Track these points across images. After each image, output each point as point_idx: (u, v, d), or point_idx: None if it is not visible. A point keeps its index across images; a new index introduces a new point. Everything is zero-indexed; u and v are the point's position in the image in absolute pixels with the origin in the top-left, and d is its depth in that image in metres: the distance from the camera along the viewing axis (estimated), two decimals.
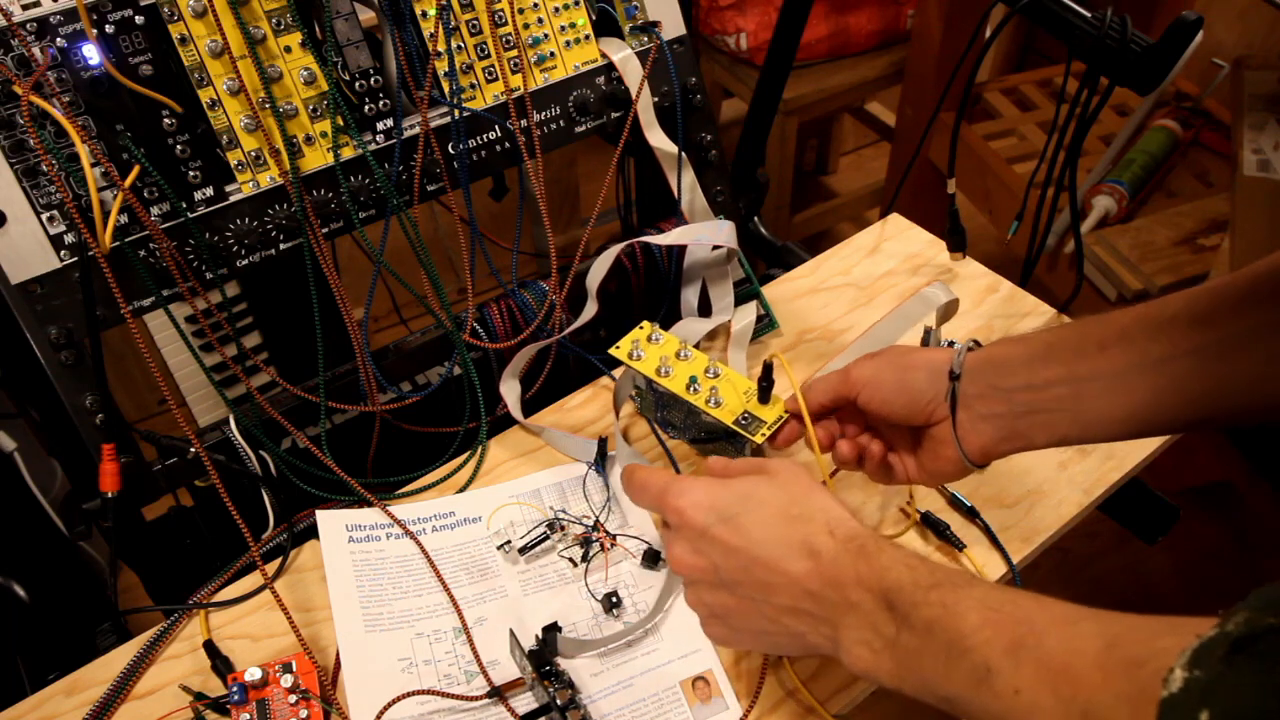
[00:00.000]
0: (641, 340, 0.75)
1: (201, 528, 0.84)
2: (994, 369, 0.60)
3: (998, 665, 0.44)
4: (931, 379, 0.61)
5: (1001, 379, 0.59)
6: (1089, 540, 1.59)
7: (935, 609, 0.47)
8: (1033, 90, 1.80)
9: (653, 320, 0.76)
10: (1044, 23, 0.81)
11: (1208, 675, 0.36)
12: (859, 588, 0.50)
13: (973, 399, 0.60)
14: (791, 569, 0.52)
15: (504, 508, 0.78)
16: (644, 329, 0.75)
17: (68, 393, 0.69)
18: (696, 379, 0.71)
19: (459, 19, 0.80)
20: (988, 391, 0.60)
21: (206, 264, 0.73)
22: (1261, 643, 0.35)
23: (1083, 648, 0.42)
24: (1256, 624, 0.36)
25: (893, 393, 0.62)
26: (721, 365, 0.72)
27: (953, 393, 0.60)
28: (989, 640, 0.45)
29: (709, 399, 0.70)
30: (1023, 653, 0.44)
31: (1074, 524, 0.76)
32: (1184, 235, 1.42)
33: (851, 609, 0.51)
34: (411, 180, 0.79)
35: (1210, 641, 0.36)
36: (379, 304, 0.84)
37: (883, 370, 0.63)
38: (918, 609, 0.48)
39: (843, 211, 2.19)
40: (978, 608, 0.46)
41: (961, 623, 0.46)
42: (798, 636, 0.54)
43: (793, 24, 1.08)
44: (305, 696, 0.64)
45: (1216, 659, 0.36)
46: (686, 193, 0.91)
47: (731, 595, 0.55)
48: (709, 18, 1.87)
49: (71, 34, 0.66)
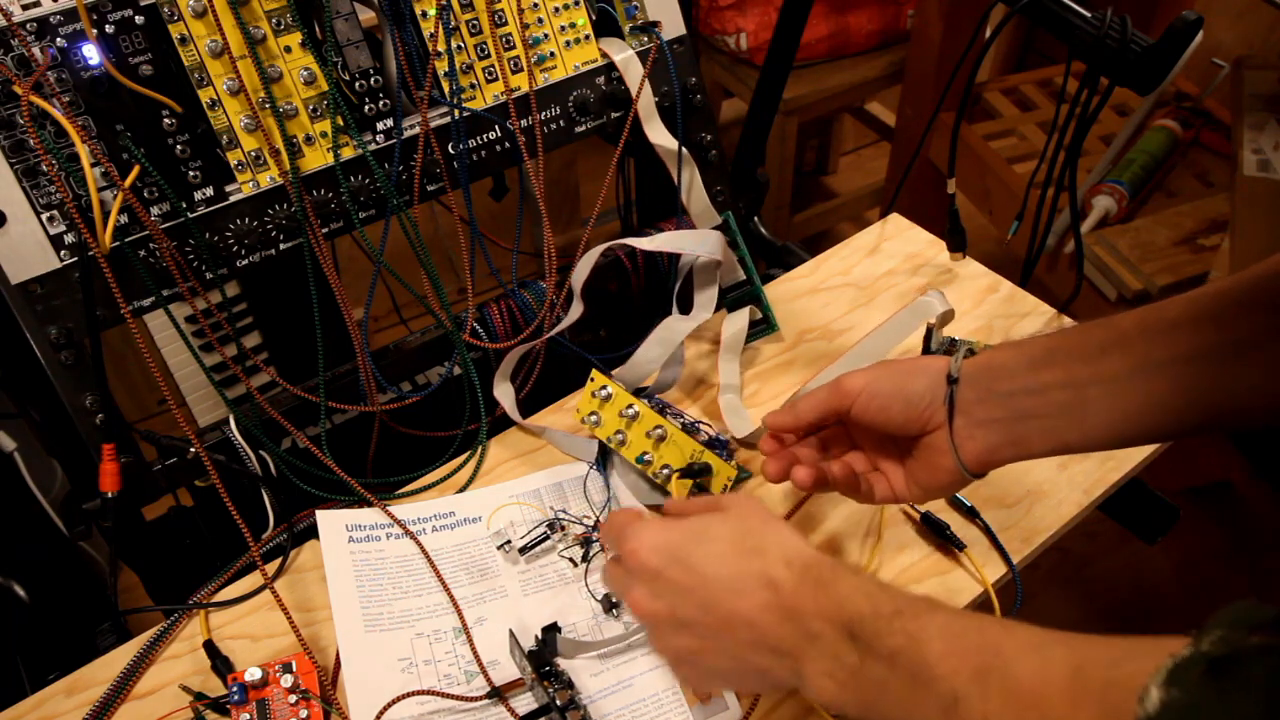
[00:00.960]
0: (596, 401, 0.76)
1: (201, 528, 0.84)
2: (992, 373, 0.59)
3: (965, 693, 0.44)
4: (929, 385, 0.61)
5: (1000, 383, 0.59)
6: (1089, 540, 1.59)
7: (899, 638, 0.46)
8: (1033, 90, 1.80)
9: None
10: (1044, 23, 0.81)
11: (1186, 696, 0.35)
12: (819, 619, 0.49)
13: (971, 404, 0.59)
14: (748, 604, 0.51)
15: (504, 508, 0.78)
16: (594, 381, 0.75)
17: (68, 393, 0.69)
18: (646, 453, 0.75)
19: (459, 19, 0.80)
20: (986, 396, 0.59)
21: (206, 264, 0.73)
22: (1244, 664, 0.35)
23: (1051, 674, 0.41)
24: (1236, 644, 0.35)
25: (890, 399, 0.61)
26: (666, 423, 0.74)
27: (950, 397, 0.60)
28: (955, 669, 0.44)
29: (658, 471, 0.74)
30: (990, 679, 0.43)
31: (1074, 524, 0.76)
32: (1184, 235, 1.42)
33: (813, 640, 0.49)
34: (411, 180, 0.79)
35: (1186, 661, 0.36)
36: (379, 304, 0.84)
37: (878, 378, 0.62)
38: (881, 638, 0.47)
39: (843, 211, 2.19)
40: (942, 635, 0.46)
41: (926, 651, 0.45)
42: (764, 673, 0.52)
43: (793, 24, 1.08)
44: (305, 696, 0.64)
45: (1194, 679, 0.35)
46: (687, 191, 0.91)
47: (694, 636, 0.53)
48: (709, 18, 1.87)
49: (71, 34, 0.66)
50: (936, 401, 0.60)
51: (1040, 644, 0.43)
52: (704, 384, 0.88)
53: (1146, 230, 1.43)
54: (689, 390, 0.88)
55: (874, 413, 0.62)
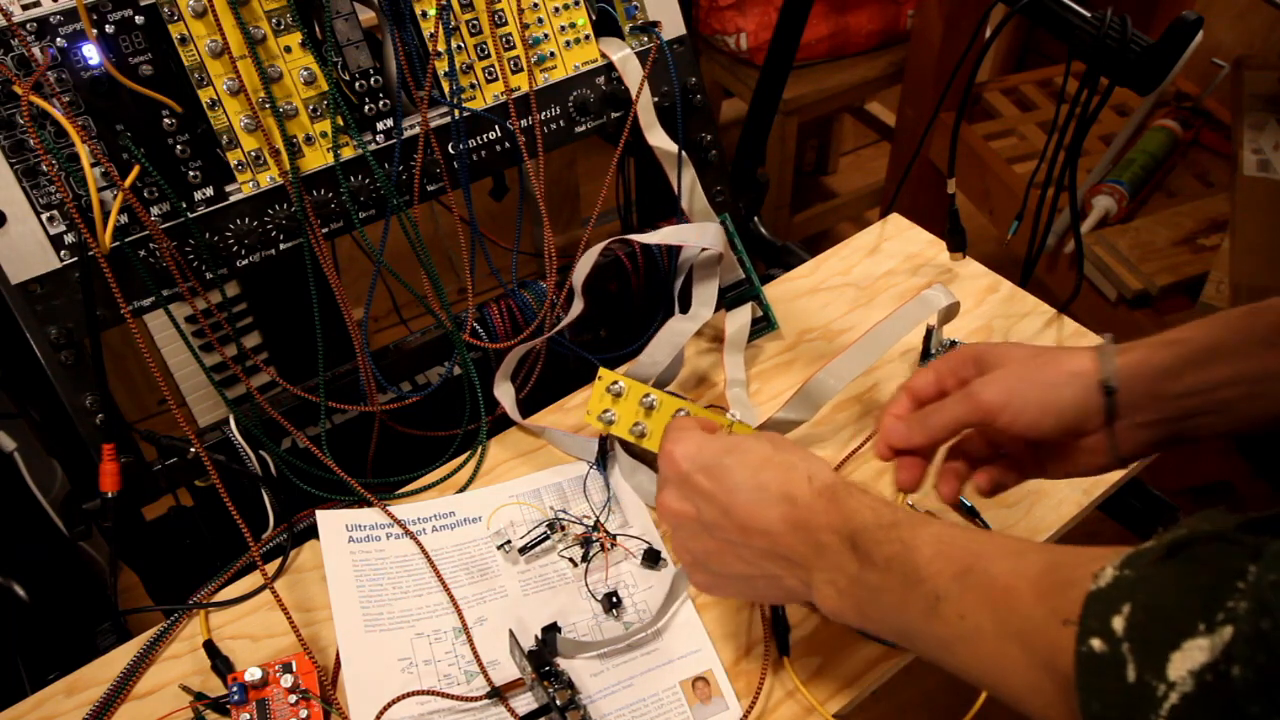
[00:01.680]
0: (608, 398, 0.75)
1: (201, 528, 0.84)
2: (1152, 376, 0.57)
3: (945, 592, 0.47)
4: (1080, 394, 0.58)
5: (1161, 386, 0.57)
6: (1089, 540, 1.58)
7: (895, 546, 0.50)
8: (1033, 90, 1.80)
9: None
10: (1044, 23, 0.81)
11: (1136, 573, 0.38)
12: (828, 531, 0.52)
13: (1130, 409, 0.57)
14: (768, 513, 0.54)
15: (504, 508, 0.78)
16: (603, 379, 0.75)
17: (68, 393, 0.69)
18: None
19: (459, 19, 0.80)
20: (1147, 401, 0.57)
21: (206, 264, 0.73)
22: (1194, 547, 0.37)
23: (1024, 570, 0.44)
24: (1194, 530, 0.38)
25: (1040, 414, 0.58)
26: (688, 404, 0.73)
27: (1110, 407, 0.57)
28: (940, 571, 0.47)
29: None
30: (969, 578, 0.46)
31: (1074, 524, 0.76)
32: (1184, 235, 1.42)
33: (821, 551, 0.53)
34: (411, 180, 0.79)
35: (1146, 548, 0.38)
36: (379, 304, 0.84)
37: (1018, 390, 0.58)
38: (879, 546, 0.50)
39: (843, 211, 2.19)
40: (932, 542, 0.49)
41: (916, 556, 0.49)
42: (775, 580, 0.56)
43: (793, 24, 1.08)
44: (305, 696, 0.64)
45: (1149, 560, 0.38)
46: (687, 192, 0.91)
47: (713, 539, 0.57)
48: (709, 18, 1.87)
49: (71, 34, 0.66)
50: (1090, 410, 0.58)
51: (1020, 550, 0.47)
52: (706, 381, 0.88)
53: (1146, 230, 1.43)
54: (690, 388, 0.88)
55: (1021, 427, 0.58)
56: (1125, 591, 0.37)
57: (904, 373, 0.87)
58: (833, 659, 0.66)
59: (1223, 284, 1.28)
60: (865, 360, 0.76)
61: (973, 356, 0.63)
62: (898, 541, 0.50)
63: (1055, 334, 0.91)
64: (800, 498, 0.54)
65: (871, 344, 0.76)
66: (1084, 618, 0.38)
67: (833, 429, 0.83)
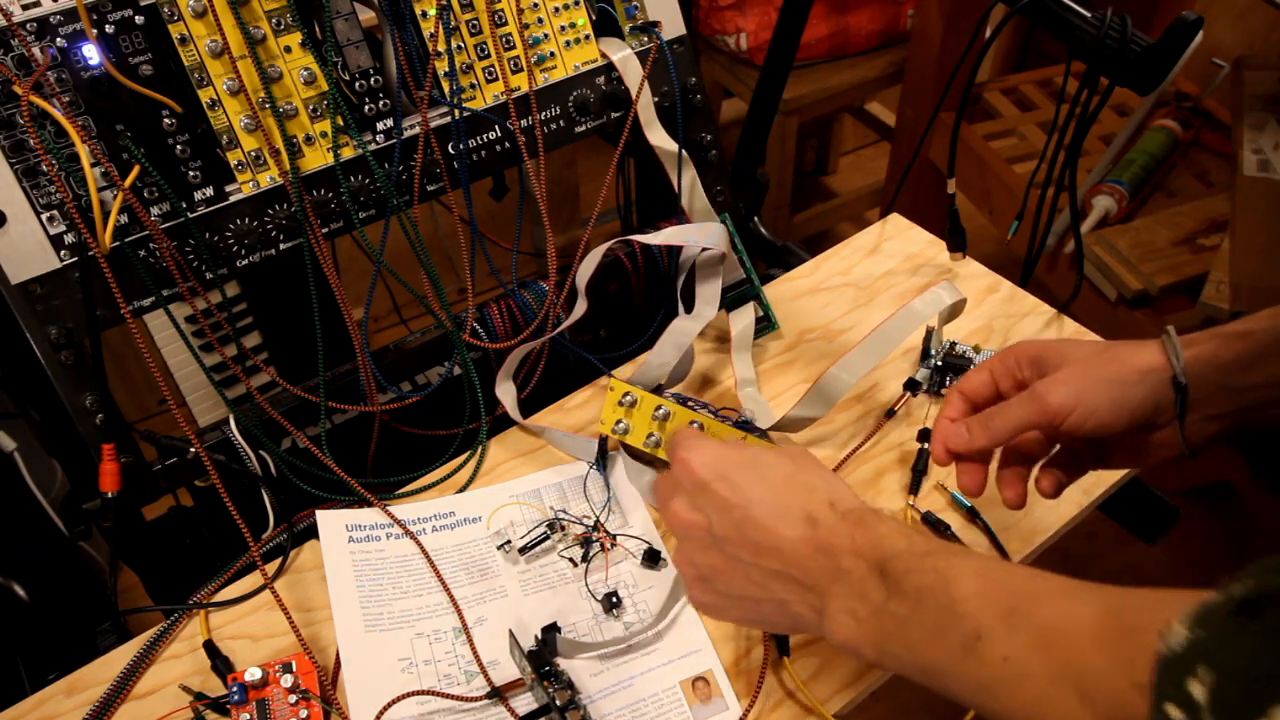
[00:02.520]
0: (620, 409, 0.75)
1: (201, 528, 0.84)
2: (1223, 369, 0.57)
3: (989, 631, 0.43)
4: (1150, 391, 0.57)
5: (1232, 379, 0.57)
6: (1089, 540, 1.59)
7: (929, 575, 0.47)
8: (1033, 90, 1.80)
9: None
10: (1044, 23, 0.81)
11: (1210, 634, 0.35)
12: (853, 555, 0.49)
13: (1198, 402, 0.57)
14: (785, 532, 0.51)
15: (504, 508, 0.78)
16: (615, 390, 0.75)
17: (68, 393, 0.69)
18: None
19: (459, 19, 0.80)
20: (1217, 393, 0.57)
21: (206, 264, 0.73)
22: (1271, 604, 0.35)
23: (1080, 614, 0.41)
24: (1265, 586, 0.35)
25: (1110, 415, 0.57)
26: (701, 416, 0.73)
27: (1181, 403, 0.57)
28: (981, 608, 0.44)
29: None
30: (1016, 619, 0.43)
31: (1074, 524, 0.76)
32: (1184, 235, 1.42)
33: (841, 577, 0.50)
34: (411, 180, 0.79)
35: (1215, 603, 0.36)
36: (379, 304, 0.84)
37: (1089, 391, 0.57)
38: (911, 575, 0.47)
39: (843, 211, 2.19)
40: (973, 576, 0.46)
41: (955, 589, 0.45)
42: (782, 605, 0.53)
43: (793, 24, 1.08)
44: (305, 696, 0.64)
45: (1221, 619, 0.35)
46: (687, 191, 0.91)
47: (721, 555, 0.54)
48: (709, 18, 1.87)
49: (71, 34, 0.66)
50: (1162, 406, 0.57)
51: (1072, 590, 0.43)
52: (711, 380, 0.88)
53: (1146, 230, 1.43)
54: (697, 390, 0.88)
55: (1092, 428, 0.57)
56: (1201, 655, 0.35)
57: (904, 372, 0.87)
58: (833, 659, 0.66)
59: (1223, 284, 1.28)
60: (877, 355, 0.76)
61: (1029, 356, 0.61)
62: (932, 571, 0.46)
63: (1055, 334, 0.91)
64: (823, 520, 0.51)
65: (882, 339, 0.76)
66: (1158, 683, 0.36)
67: (833, 429, 0.83)
